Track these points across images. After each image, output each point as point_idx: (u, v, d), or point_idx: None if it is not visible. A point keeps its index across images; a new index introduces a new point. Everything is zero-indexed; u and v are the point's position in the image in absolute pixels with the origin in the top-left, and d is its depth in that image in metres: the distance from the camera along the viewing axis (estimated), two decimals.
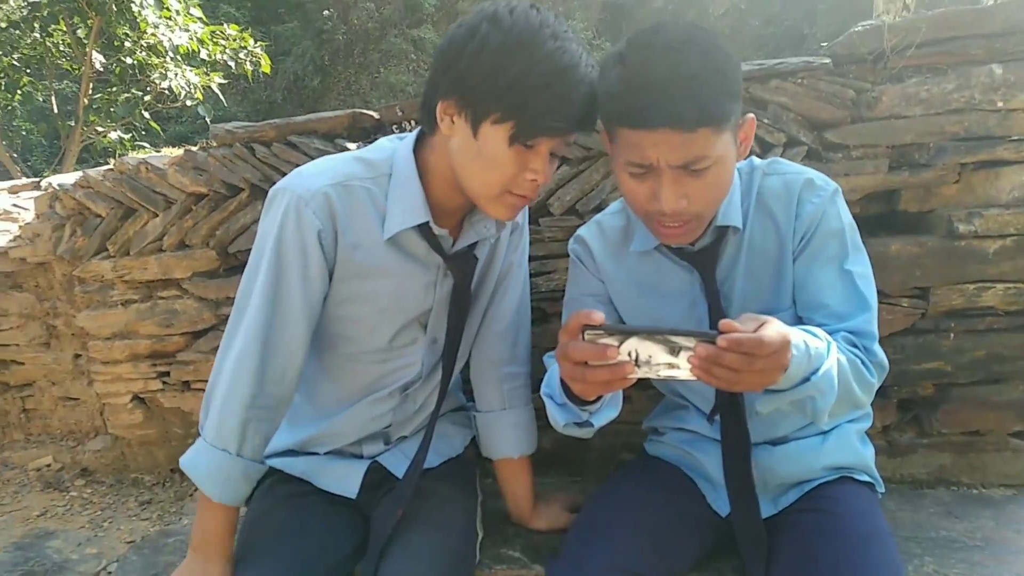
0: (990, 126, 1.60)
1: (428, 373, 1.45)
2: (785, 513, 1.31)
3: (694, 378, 0.94)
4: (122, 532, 1.92)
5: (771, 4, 12.85)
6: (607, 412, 1.20)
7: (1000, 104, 1.59)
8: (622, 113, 1.08)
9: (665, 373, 0.95)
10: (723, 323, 0.93)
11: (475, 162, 1.17)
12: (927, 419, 1.73)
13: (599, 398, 1.15)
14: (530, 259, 1.71)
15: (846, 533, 1.19)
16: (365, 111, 1.91)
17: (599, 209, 1.49)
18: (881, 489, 1.37)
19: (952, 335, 1.67)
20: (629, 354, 0.94)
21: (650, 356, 0.94)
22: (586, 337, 0.95)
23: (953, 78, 1.61)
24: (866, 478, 1.34)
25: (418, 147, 1.29)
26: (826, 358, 1.04)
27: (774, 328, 0.94)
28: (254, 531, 1.35)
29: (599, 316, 0.96)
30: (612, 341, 0.94)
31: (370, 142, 1.48)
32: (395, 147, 1.30)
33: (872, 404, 1.41)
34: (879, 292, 1.61)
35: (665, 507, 1.33)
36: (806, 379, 1.02)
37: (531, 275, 1.79)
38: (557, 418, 1.21)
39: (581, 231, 1.43)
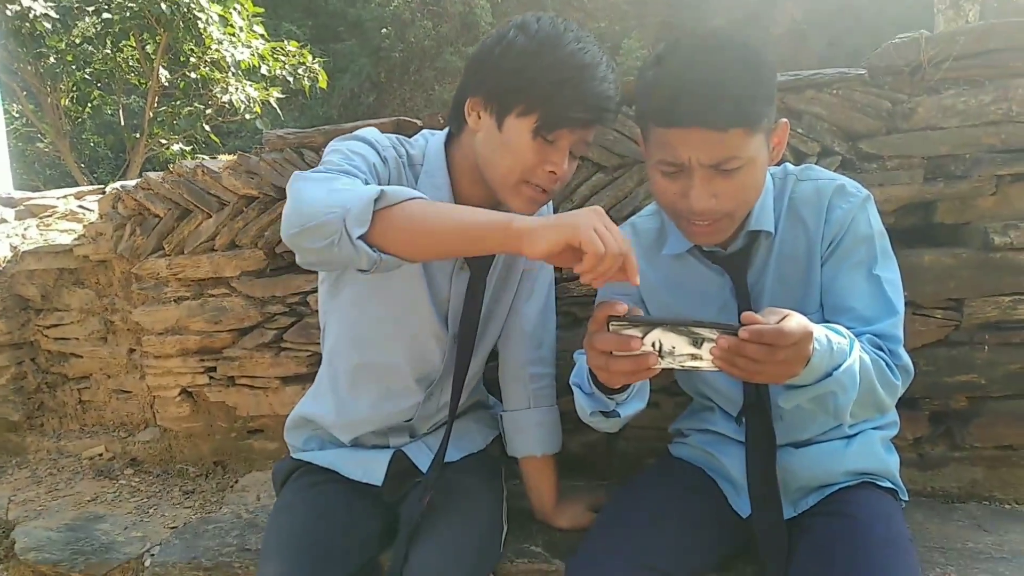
0: None
1: (450, 369, 1.49)
2: (805, 516, 1.32)
3: (716, 369, 0.97)
4: (166, 518, 2.00)
5: (833, 25, 12.67)
6: (634, 404, 1.23)
7: None
8: (656, 111, 1.13)
9: (688, 364, 0.97)
10: (745, 315, 0.96)
11: (498, 152, 1.24)
12: (959, 432, 1.70)
13: (626, 388, 1.18)
14: None
15: (864, 537, 1.19)
16: (409, 118, 1.98)
17: (632, 215, 1.53)
18: (904, 497, 1.36)
19: (986, 348, 1.64)
20: (653, 345, 0.97)
21: (673, 347, 0.97)
22: (611, 327, 0.99)
23: (991, 90, 1.60)
24: (888, 485, 1.34)
25: (447, 144, 1.37)
26: (848, 355, 1.05)
27: (795, 320, 0.96)
28: (280, 517, 1.43)
29: (623, 307, 0.99)
30: (636, 332, 0.97)
31: None
32: (428, 141, 1.40)
33: (902, 415, 1.41)
34: (912, 303, 1.62)
35: (685, 507, 1.34)
36: (828, 374, 1.03)
37: (563, 280, 1.84)
38: (584, 406, 1.24)
39: None
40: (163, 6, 5.79)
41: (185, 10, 5.89)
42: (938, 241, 1.69)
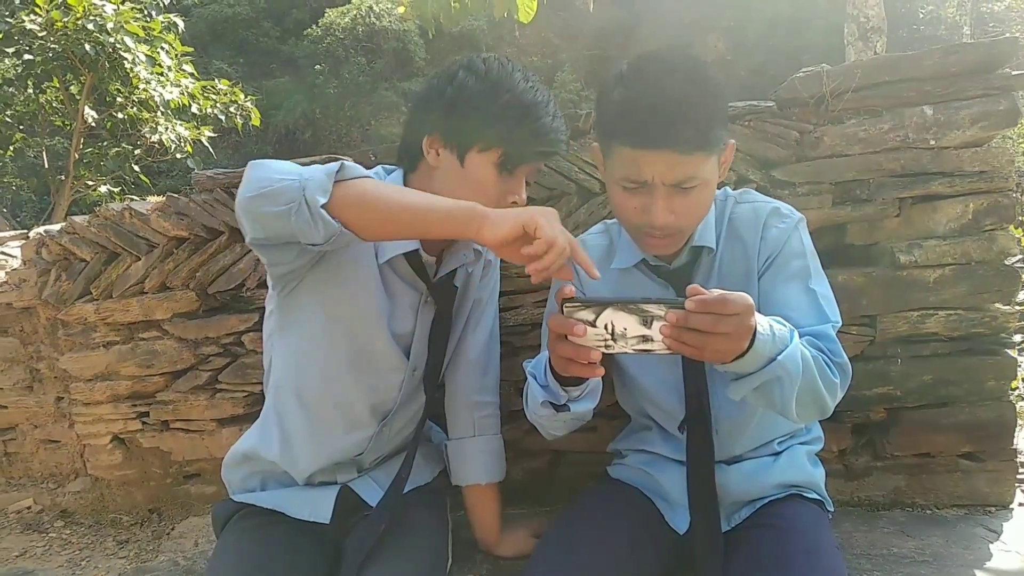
0: (924, 163, 1.70)
1: (406, 401, 1.50)
2: (737, 529, 1.36)
3: (666, 350, 1.00)
4: (99, 570, 1.94)
5: (756, 55, 13.24)
6: (585, 402, 1.25)
7: (932, 142, 1.69)
8: (624, 132, 1.19)
9: (639, 347, 1.01)
10: (690, 288, 1.00)
11: (463, 188, 1.29)
12: (880, 442, 1.79)
13: (581, 382, 1.20)
14: (500, 295, 1.78)
15: (793, 546, 1.24)
16: (339, 156, 2.00)
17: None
18: (830, 508, 1.42)
19: (900, 361, 1.74)
20: (605, 327, 1.00)
21: (625, 328, 1.00)
22: (564, 310, 1.02)
23: (888, 119, 1.72)
24: (815, 496, 1.39)
25: (404, 182, 1.41)
26: (790, 341, 1.09)
27: (737, 293, 1.00)
28: (221, 561, 1.40)
29: (570, 289, 1.02)
30: (589, 314, 1.00)
31: None
32: (383, 178, 1.42)
33: (826, 428, 1.48)
34: None
35: (624, 527, 1.37)
36: (772, 359, 1.06)
37: (500, 310, 1.86)
38: (536, 396, 1.24)
39: None
40: (87, 47, 5.66)
41: (111, 50, 5.78)
42: (851, 261, 1.79)
